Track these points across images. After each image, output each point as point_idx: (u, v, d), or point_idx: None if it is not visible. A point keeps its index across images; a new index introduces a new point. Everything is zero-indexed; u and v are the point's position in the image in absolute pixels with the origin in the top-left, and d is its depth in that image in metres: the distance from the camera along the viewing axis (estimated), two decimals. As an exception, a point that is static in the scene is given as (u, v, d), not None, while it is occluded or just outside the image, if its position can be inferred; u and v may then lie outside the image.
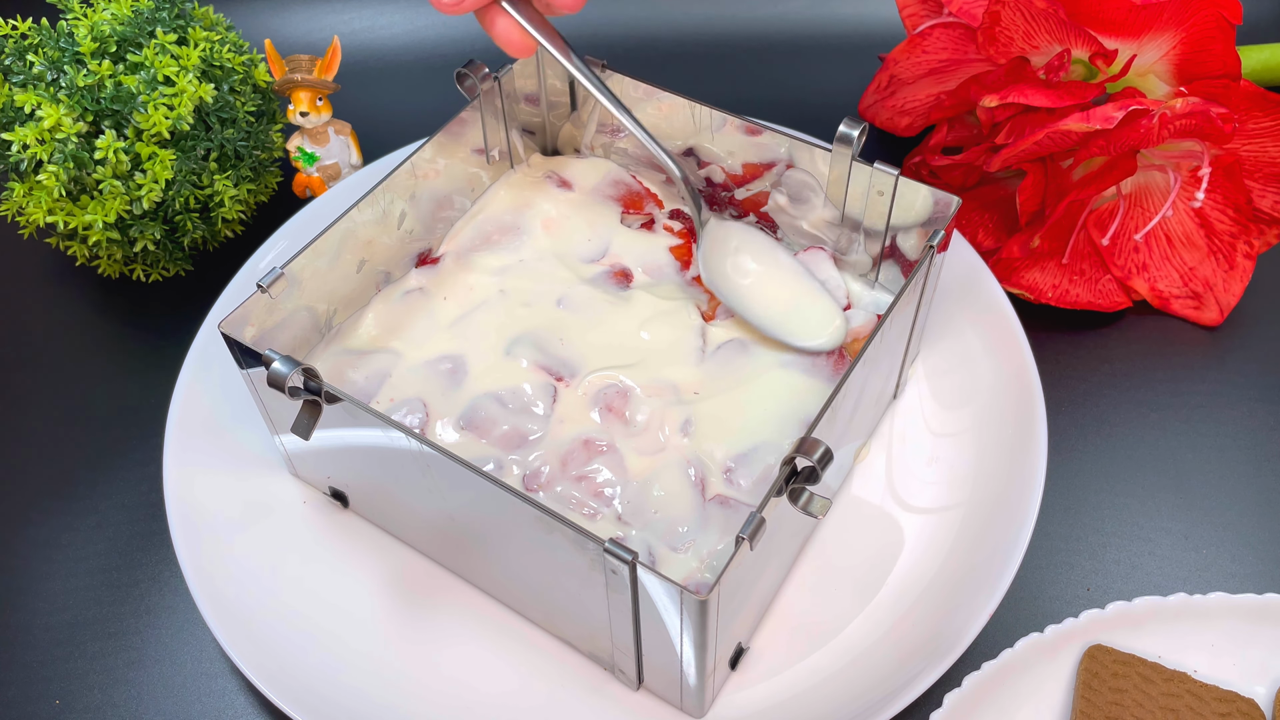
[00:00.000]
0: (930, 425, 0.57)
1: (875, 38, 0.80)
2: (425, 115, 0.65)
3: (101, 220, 0.60)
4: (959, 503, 0.54)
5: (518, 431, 0.52)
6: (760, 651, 0.50)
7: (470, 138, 0.58)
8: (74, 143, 0.57)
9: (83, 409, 0.63)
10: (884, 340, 0.48)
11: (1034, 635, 0.48)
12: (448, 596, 0.52)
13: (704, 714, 0.48)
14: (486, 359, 0.54)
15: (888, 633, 0.50)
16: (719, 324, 0.55)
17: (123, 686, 0.52)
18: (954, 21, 0.65)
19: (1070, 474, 0.58)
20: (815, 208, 0.57)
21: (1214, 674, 0.48)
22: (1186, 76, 0.58)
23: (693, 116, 0.58)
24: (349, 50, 0.79)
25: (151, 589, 0.55)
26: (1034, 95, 0.57)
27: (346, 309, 0.55)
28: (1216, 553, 0.55)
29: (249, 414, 0.56)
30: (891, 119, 0.69)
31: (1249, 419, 0.60)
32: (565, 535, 0.41)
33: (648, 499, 0.49)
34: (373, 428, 0.45)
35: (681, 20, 0.83)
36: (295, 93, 0.67)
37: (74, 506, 0.59)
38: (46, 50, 0.58)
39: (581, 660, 0.50)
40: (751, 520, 0.40)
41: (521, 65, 0.59)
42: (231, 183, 0.64)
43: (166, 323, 0.66)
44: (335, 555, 0.54)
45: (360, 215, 0.53)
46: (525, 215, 0.60)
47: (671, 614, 0.41)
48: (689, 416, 0.52)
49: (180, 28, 0.62)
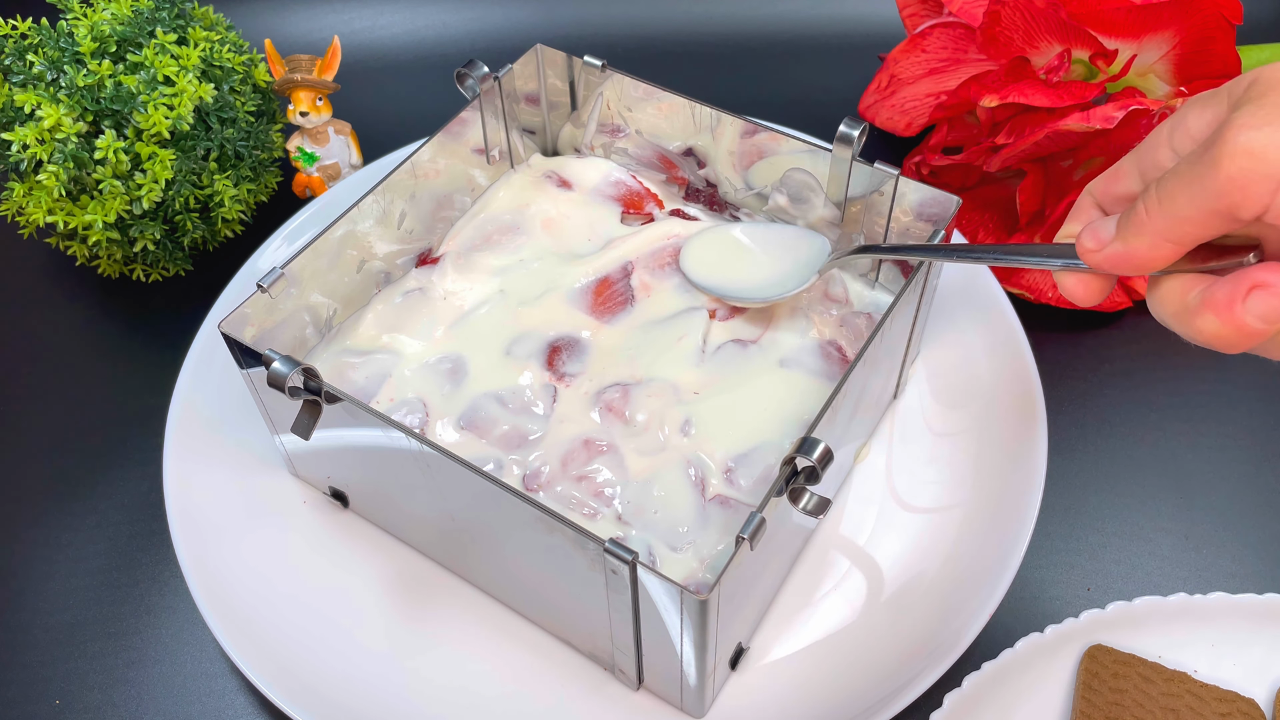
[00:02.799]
0: (930, 425, 0.57)
1: (875, 38, 0.80)
2: (425, 115, 0.65)
3: (101, 220, 0.59)
4: (959, 503, 0.54)
5: (518, 431, 0.52)
6: (760, 651, 0.50)
7: (470, 138, 0.58)
8: (74, 143, 0.57)
9: (83, 409, 0.63)
10: (884, 340, 0.48)
11: (1034, 635, 0.48)
12: (448, 596, 0.52)
13: (704, 714, 0.48)
14: (486, 359, 0.54)
15: (888, 633, 0.50)
16: (719, 324, 0.55)
17: (123, 686, 0.52)
18: (954, 21, 0.65)
19: (1070, 474, 0.58)
20: (815, 208, 0.57)
21: (1214, 674, 0.48)
22: (1186, 76, 0.58)
23: (693, 116, 0.58)
24: (349, 50, 0.79)
25: (151, 589, 0.55)
26: (1034, 95, 0.57)
27: (346, 309, 0.55)
28: (1216, 553, 0.55)
29: (249, 414, 0.56)
30: (891, 119, 0.69)
31: (1249, 419, 0.60)
32: (565, 535, 0.41)
33: (648, 499, 0.49)
34: (373, 428, 0.45)
35: (681, 20, 0.83)
36: (295, 93, 0.67)
37: (74, 506, 0.59)
38: (46, 50, 0.58)
39: (581, 660, 0.50)
40: (751, 520, 0.40)
41: (521, 65, 0.59)
42: (231, 183, 0.64)
43: (166, 323, 0.66)
44: (335, 555, 0.54)
45: (360, 215, 0.53)
46: (525, 215, 0.60)
47: (671, 614, 0.41)
48: (689, 416, 0.52)
49: (180, 28, 0.62)
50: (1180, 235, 0.34)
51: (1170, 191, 0.34)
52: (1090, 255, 0.37)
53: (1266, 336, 0.34)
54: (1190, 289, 0.35)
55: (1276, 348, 0.35)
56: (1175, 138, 0.37)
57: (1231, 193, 0.32)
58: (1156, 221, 0.34)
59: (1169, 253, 0.35)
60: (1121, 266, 0.36)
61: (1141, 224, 0.35)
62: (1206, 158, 0.32)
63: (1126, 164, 0.39)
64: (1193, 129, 0.36)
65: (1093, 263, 0.37)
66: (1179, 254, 0.35)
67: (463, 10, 0.83)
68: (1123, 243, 0.36)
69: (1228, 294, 0.33)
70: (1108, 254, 0.36)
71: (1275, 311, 0.33)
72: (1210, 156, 0.32)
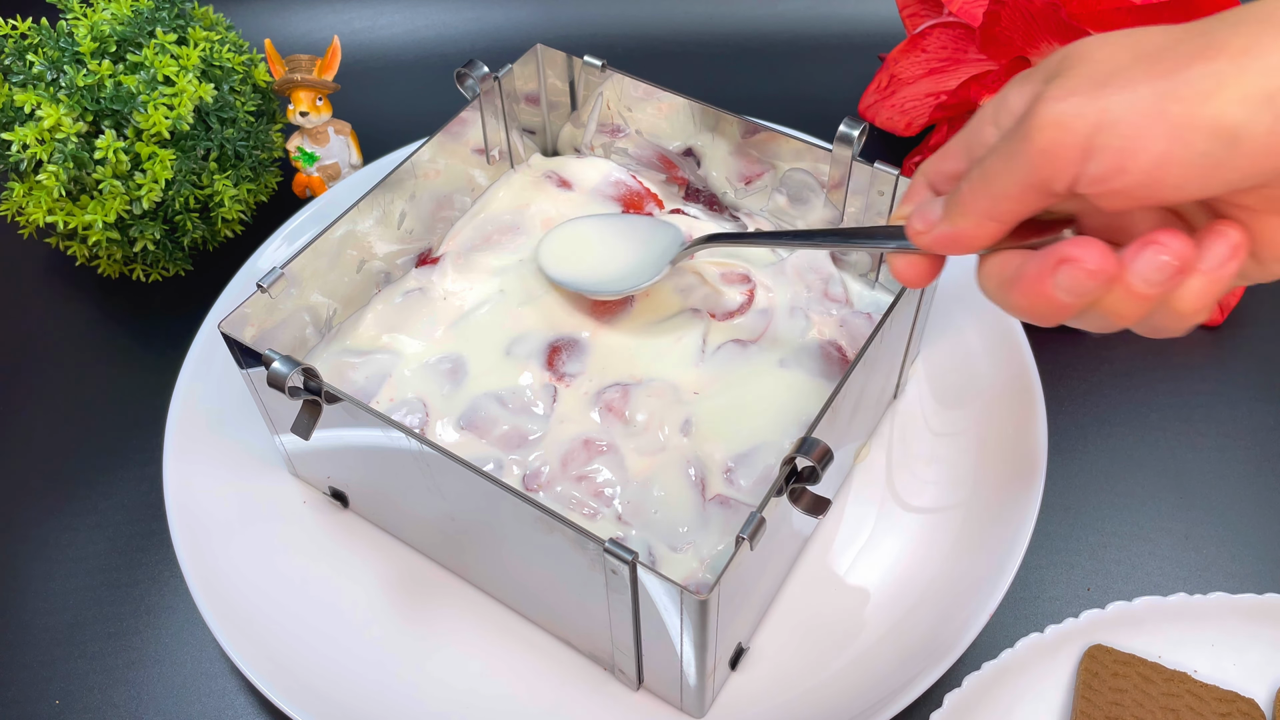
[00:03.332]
0: (930, 425, 0.57)
1: (875, 38, 0.80)
2: (425, 115, 0.65)
3: (101, 220, 0.60)
4: (959, 503, 0.54)
5: (518, 431, 0.52)
6: (760, 651, 0.50)
7: (470, 138, 0.58)
8: (74, 143, 0.57)
9: (83, 409, 0.63)
10: (884, 340, 0.48)
11: (1034, 635, 0.48)
12: (448, 596, 0.52)
13: (704, 714, 0.48)
14: (486, 359, 0.54)
15: (888, 633, 0.50)
16: (719, 324, 0.55)
17: (123, 686, 0.52)
18: (954, 21, 0.65)
19: (1070, 474, 0.58)
20: (815, 208, 0.57)
21: (1214, 674, 0.48)
22: (1186, 76, 0.58)
23: (693, 116, 0.58)
24: (349, 50, 0.79)
25: (151, 589, 0.55)
26: (1034, 95, 0.56)
27: (346, 309, 0.55)
28: (1216, 553, 0.55)
29: (249, 414, 0.56)
30: (891, 119, 0.69)
31: (1249, 419, 0.60)
32: (565, 535, 0.41)
33: (648, 499, 0.49)
34: (373, 428, 0.45)
35: (681, 20, 0.83)
36: (295, 93, 0.67)
37: (74, 506, 0.59)
38: (46, 50, 0.58)
39: (581, 660, 0.50)
40: (751, 520, 0.40)
41: (521, 65, 0.59)
42: (231, 183, 0.64)
43: (166, 323, 0.66)
44: (335, 555, 0.54)
45: (360, 215, 0.53)
46: (525, 215, 0.60)
47: (671, 614, 0.41)
48: (689, 416, 0.52)
49: (180, 28, 0.62)
50: (1001, 213, 0.34)
51: (990, 170, 0.34)
52: (919, 237, 0.37)
53: (1077, 310, 0.34)
54: (1010, 265, 0.35)
55: (1094, 321, 0.35)
56: (999, 116, 0.37)
57: (1043, 166, 0.32)
58: (980, 201, 0.35)
59: (993, 230, 0.35)
60: (949, 247, 0.37)
61: (965, 204, 0.35)
62: (1019, 132, 0.33)
63: (955, 144, 0.39)
64: (1014, 106, 0.36)
65: (922, 244, 0.37)
66: (1002, 232, 0.35)
67: (463, 10, 0.83)
68: (949, 223, 0.36)
69: (1037, 268, 0.34)
70: (936, 235, 0.37)
71: (1080, 285, 0.33)
72: (1022, 131, 0.32)
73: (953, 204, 0.36)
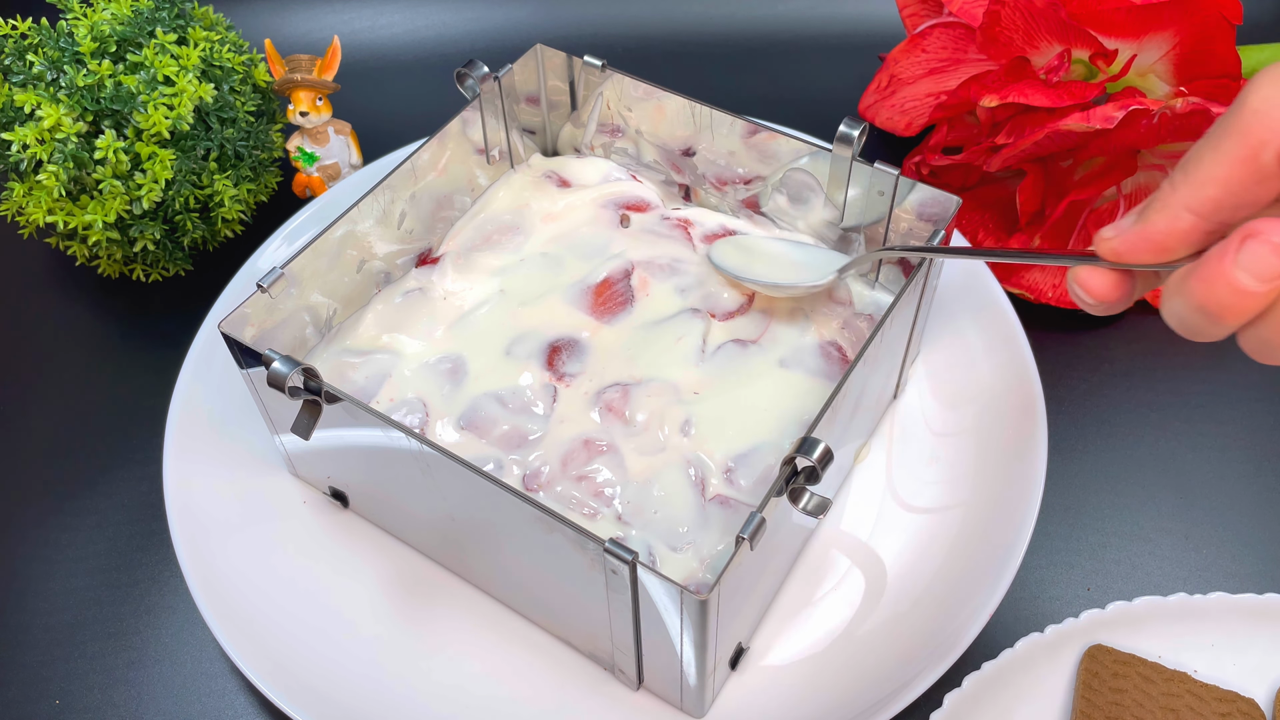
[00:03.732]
0: (930, 425, 0.57)
1: (875, 38, 0.80)
2: (425, 115, 0.65)
3: (101, 220, 0.60)
4: (959, 503, 0.54)
5: (518, 431, 0.52)
6: (760, 651, 0.50)
7: (470, 138, 0.58)
8: (74, 143, 0.57)
9: (83, 409, 0.63)
10: (884, 340, 0.48)
11: (1034, 635, 0.49)
12: (448, 596, 0.52)
13: (704, 714, 0.48)
14: (486, 359, 0.54)
15: (888, 633, 0.50)
16: (719, 324, 0.55)
17: (123, 686, 0.52)
18: (954, 21, 0.65)
19: (1070, 474, 0.58)
20: (815, 208, 0.57)
21: (1214, 674, 0.48)
22: (1187, 76, 0.58)
23: (693, 116, 0.58)
24: (349, 50, 0.79)
25: (151, 589, 0.55)
26: (1034, 95, 0.57)
27: (346, 309, 0.55)
28: (1216, 553, 0.55)
29: (249, 414, 0.56)
30: (891, 119, 0.69)
31: (1249, 419, 0.60)
32: (565, 535, 0.41)
33: (648, 499, 0.49)
34: (373, 428, 0.45)
35: (681, 20, 0.83)
36: (295, 93, 0.67)
37: (74, 506, 0.59)
38: (46, 50, 0.58)
39: (581, 660, 0.50)
40: (751, 520, 0.40)
41: (521, 65, 0.59)
42: (231, 183, 0.64)
43: (166, 323, 0.66)
44: (335, 555, 0.54)
45: (360, 215, 0.53)
46: (525, 215, 0.60)
47: (671, 614, 0.41)
48: (689, 416, 0.52)
49: (180, 28, 0.62)
50: (1202, 201, 0.32)
51: (1194, 154, 0.32)
52: (1105, 243, 0.34)
53: (1257, 304, 0.31)
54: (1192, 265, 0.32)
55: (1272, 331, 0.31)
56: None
57: (1255, 126, 0.30)
58: (1180, 191, 0.32)
59: (1188, 225, 0.32)
60: (1135, 250, 0.34)
61: (1164, 198, 0.33)
62: (1229, 110, 0.31)
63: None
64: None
65: (1105, 250, 0.34)
66: (1199, 229, 0.32)
67: (463, 10, 0.83)
68: (1141, 220, 0.33)
69: (1220, 249, 0.31)
70: (1123, 237, 0.34)
71: (1265, 264, 0.30)
72: (1234, 105, 0.31)
73: (1148, 202, 0.33)
